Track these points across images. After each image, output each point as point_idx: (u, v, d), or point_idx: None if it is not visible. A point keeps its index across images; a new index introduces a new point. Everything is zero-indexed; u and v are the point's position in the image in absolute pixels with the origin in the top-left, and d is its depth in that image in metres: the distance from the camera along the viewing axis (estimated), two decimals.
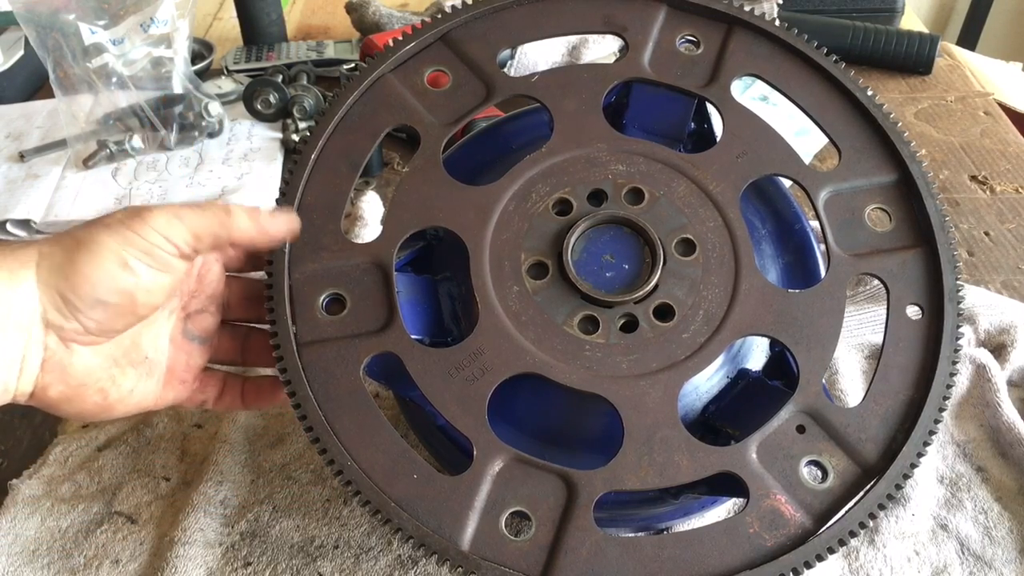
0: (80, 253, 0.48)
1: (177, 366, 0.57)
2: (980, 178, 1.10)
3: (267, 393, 0.61)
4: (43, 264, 0.48)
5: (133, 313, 0.51)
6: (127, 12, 1.09)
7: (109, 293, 0.48)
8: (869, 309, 0.84)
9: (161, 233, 0.49)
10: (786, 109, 0.67)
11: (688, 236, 0.58)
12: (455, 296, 0.60)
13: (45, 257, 0.48)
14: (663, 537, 0.53)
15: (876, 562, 0.66)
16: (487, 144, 0.67)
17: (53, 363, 0.49)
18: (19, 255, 0.48)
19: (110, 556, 0.67)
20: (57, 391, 0.50)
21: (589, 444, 0.58)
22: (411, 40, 0.61)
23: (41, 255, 0.48)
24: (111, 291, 0.48)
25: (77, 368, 0.50)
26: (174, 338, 0.57)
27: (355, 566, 0.66)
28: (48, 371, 0.49)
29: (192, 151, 1.16)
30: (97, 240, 0.48)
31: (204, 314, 0.58)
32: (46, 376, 0.49)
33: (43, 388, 0.49)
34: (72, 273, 0.47)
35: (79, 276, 0.48)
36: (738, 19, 0.63)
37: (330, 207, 0.58)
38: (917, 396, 0.55)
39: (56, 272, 0.47)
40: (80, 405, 0.52)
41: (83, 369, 0.50)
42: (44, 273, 0.47)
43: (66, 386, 0.50)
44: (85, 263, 0.48)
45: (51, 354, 0.49)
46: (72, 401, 0.51)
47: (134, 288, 0.49)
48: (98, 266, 0.48)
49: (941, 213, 0.59)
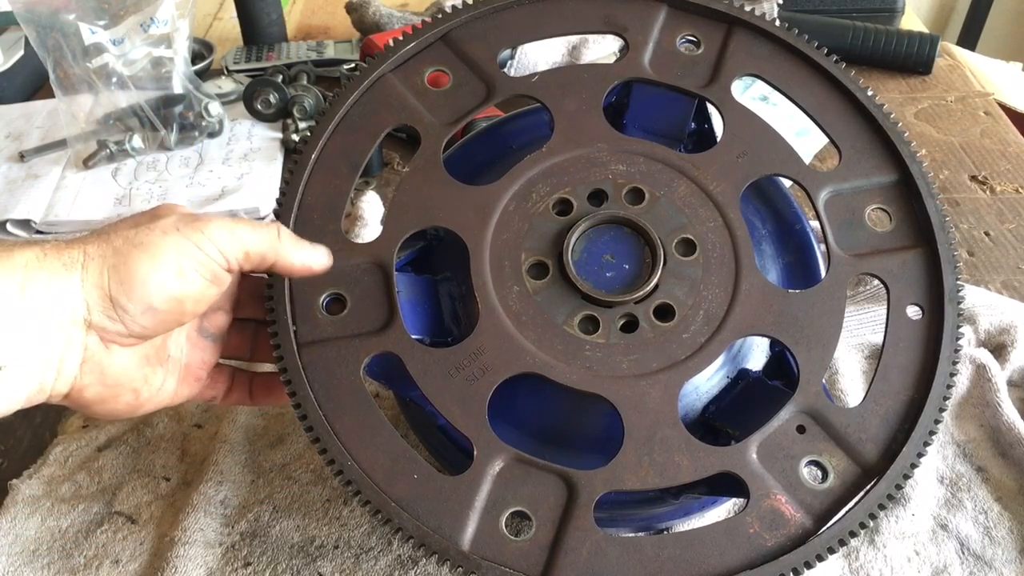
0: (136, 257, 0.47)
1: (193, 363, 0.57)
2: (980, 178, 1.10)
3: (276, 389, 0.61)
4: (91, 266, 0.47)
5: (178, 320, 0.51)
6: (127, 12, 1.09)
7: (162, 300, 0.48)
8: (869, 309, 0.84)
9: (217, 246, 0.49)
10: (786, 109, 0.67)
11: (688, 236, 0.58)
12: (455, 296, 0.60)
13: (93, 258, 0.47)
14: (663, 537, 0.53)
15: (876, 562, 0.66)
16: (487, 144, 0.67)
17: (92, 364, 0.49)
18: (63, 255, 0.47)
19: (110, 556, 0.67)
20: (94, 392, 0.50)
21: (589, 444, 0.58)
22: (411, 40, 0.61)
23: (87, 256, 0.47)
24: (164, 298, 0.48)
25: (114, 369, 0.50)
26: (191, 336, 0.57)
27: (355, 566, 0.66)
28: (87, 372, 0.49)
29: (192, 151, 1.16)
30: (156, 245, 0.48)
31: (219, 312, 0.59)
32: (84, 377, 0.49)
33: (80, 389, 0.49)
34: (127, 277, 0.47)
35: (135, 280, 0.47)
36: (738, 19, 0.63)
37: (330, 207, 0.58)
38: (917, 396, 0.55)
39: (109, 274, 0.47)
40: (113, 405, 0.52)
41: (120, 370, 0.51)
42: (93, 275, 0.47)
43: (103, 387, 0.50)
44: (142, 268, 0.47)
45: (90, 355, 0.49)
46: (106, 401, 0.51)
47: (186, 297, 0.49)
48: (155, 272, 0.47)
49: (941, 213, 0.59)
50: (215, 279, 0.50)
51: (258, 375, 0.62)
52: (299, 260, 0.53)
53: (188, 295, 0.49)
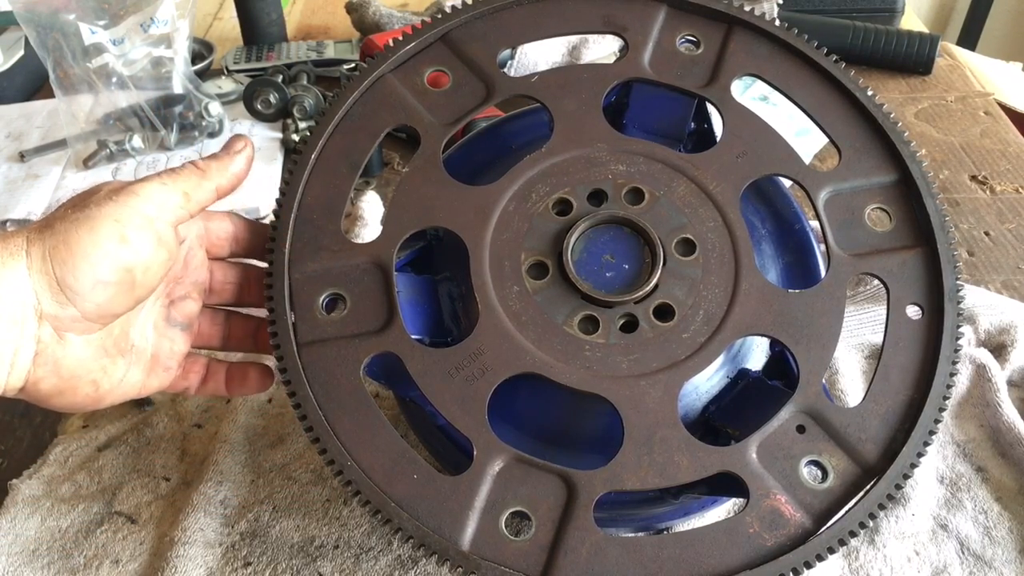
0: (76, 232, 0.46)
1: (161, 353, 0.56)
2: (980, 178, 1.10)
3: (252, 380, 0.61)
4: (34, 252, 0.46)
5: (131, 293, 0.50)
6: (127, 12, 1.09)
7: (109, 271, 0.47)
8: (869, 309, 0.84)
9: (154, 202, 0.48)
10: (786, 109, 0.67)
11: (688, 236, 0.58)
12: (455, 296, 0.60)
13: (35, 244, 0.46)
14: (663, 537, 0.52)
15: (876, 562, 0.66)
16: (487, 144, 0.67)
17: (45, 356, 0.48)
18: (9, 244, 0.46)
19: (110, 556, 0.67)
20: (49, 384, 0.49)
21: (589, 444, 0.58)
22: (411, 40, 0.61)
23: (29, 242, 0.46)
24: (111, 269, 0.47)
25: (70, 360, 0.49)
26: (157, 325, 0.57)
27: (355, 566, 0.66)
28: (40, 364, 0.48)
29: (192, 151, 1.16)
30: (93, 217, 0.47)
31: (187, 300, 0.58)
32: (38, 370, 0.48)
33: (35, 382, 0.48)
34: (69, 255, 0.46)
35: (78, 255, 0.46)
36: (738, 19, 0.63)
37: (330, 207, 0.58)
38: (917, 396, 0.55)
39: (52, 256, 0.46)
40: (72, 397, 0.51)
41: (75, 361, 0.50)
42: (37, 260, 0.46)
43: (59, 379, 0.49)
44: (83, 241, 0.46)
45: (44, 347, 0.48)
46: (64, 394, 0.50)
47: (134, 264, 0.48)
48: (97, 243, 0.46)
49: (941, 213, 0.59)
50: (160, 241, 0.49)
51: (233, 364, 0.61)
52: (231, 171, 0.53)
53: (136, 262, 0.48)
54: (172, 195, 0.50)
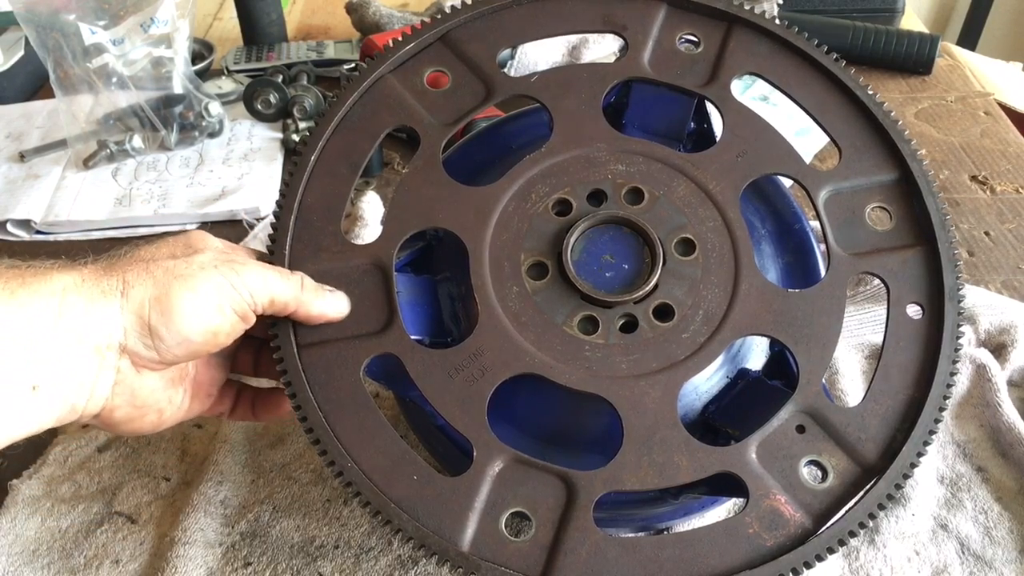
0: (178, 291, 0.49)
1: (205, 380, 0.58)
2: (980, 178, 1.10)
3: (278, 405, 0.63)
4: (132, 294, 0.48)
5: (208, 351, 0.52)
6: (127, 12, 1.10)
7: (199, 333, 0.50)
8: (869, 309, 0.84)
9: (249, 288, 0.51)
10: (786, 109, 0.67)
11: (688, 236, 0.58)
12: (455, 296, 0.60)
13: (133, 287, 0.49)
14: (663, 537, 0.52)
15: (876, 562, 0.66)
16: (487, 144, 0.67)
17: (123, 386, 0.50)
18: (101, 282, 0.48)
19: (110, 556, 0.67)
20: (123, 413, 0.51)
21: (589, 444, 0.58)
22: (411, 40, 0.61)
23: (127, 284, 0.49)
24: (202, 331, 0.50)
25: (144, 391, 0.52)
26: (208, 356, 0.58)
27: (355, 566, 0.66)
28: (118, 394, 0.50)
29: (192, 151, 1.16)
30: (196, 278, 0.50)
31: None
32: (116, 399, 0.50)
33: (111, 410, 0.51)
34: (168, 310, 0.49)
35: (176, 313, 0.49)
36: (738, 18, 0.63)
37: (330, 208, 0.58)
38: (917, 396, 0.55)
39: (150, 305, 0.48)
40: (139, 424, 0.54)
41: (148, 392, 0.52)
42: (134, 303, 0.48)
43: (132, 408, 0.52)
44: (185, 302, 0.49)
45: (122, 377, 0.50)
46: (133, 421, 0.53)
47: (219, 331, 0.51)
48: (198, 308, 0.49)
49: (942, 211, 0.59)
50: (245, 317, 0.52)
51: (261, 391, 0.63)
52: (317, 310, 0.55)
53: (222, 330, 0.51)
54: (264, 293, 0.52)
